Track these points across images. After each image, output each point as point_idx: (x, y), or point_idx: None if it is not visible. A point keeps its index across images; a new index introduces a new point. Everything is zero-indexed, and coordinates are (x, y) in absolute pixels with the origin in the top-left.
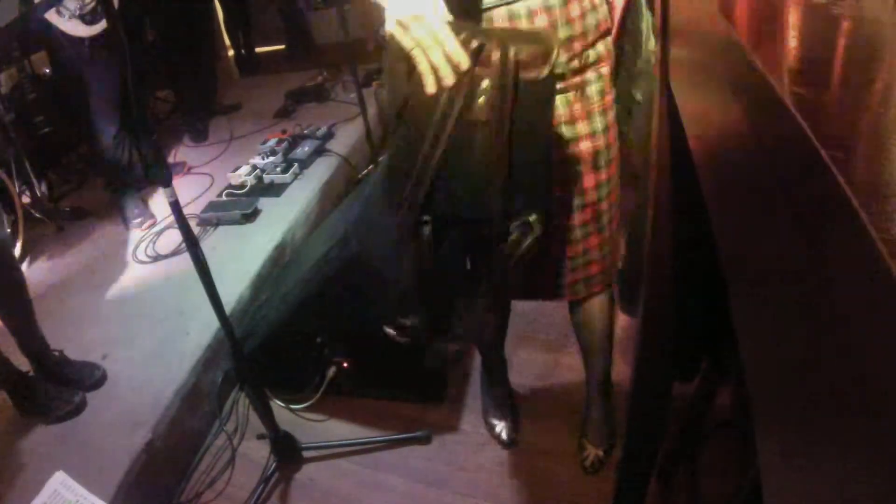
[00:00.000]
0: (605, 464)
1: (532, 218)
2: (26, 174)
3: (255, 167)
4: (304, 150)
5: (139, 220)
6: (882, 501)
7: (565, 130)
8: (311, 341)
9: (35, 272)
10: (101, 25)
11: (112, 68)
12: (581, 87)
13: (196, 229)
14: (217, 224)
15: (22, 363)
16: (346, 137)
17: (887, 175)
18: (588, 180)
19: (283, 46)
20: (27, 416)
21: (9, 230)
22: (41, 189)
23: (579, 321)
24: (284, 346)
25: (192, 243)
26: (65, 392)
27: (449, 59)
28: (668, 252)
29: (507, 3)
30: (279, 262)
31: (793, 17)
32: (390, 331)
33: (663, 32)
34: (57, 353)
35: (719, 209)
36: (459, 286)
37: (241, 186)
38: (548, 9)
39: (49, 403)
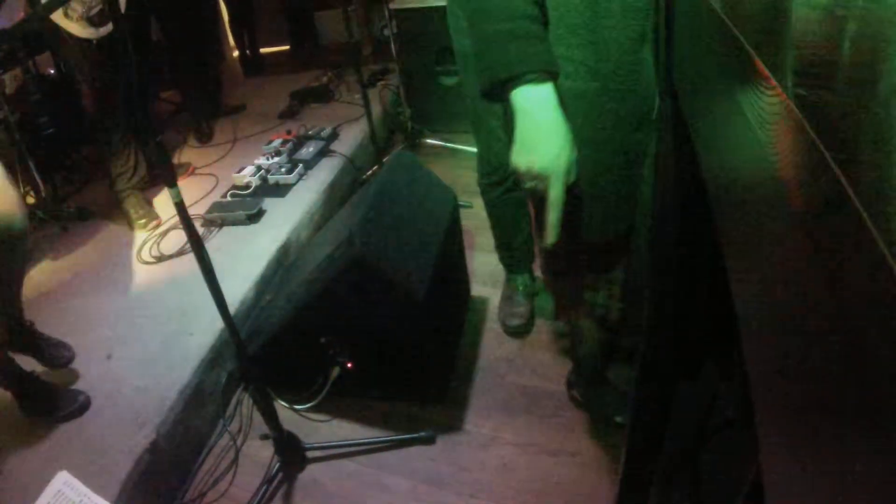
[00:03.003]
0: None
1: None
2: (31, 175)
3: (259, 168)
4: (308, 150)
5: (143, 220)
6: (883, 501)
7: None
8: (314, 342)
9: (39, 272)
10: (108, 28)
11: (118, 70)
12: None
13: (200, 230)
14: (221, 224)
15: (25, 363)
16: (351, 138)
17: (891, 177)
18: None
19: (287, 47)
20: (31, 416)
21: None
22: (46, 190)
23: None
24: (288, 347)
25: (196, 244)
26: (68, 392)
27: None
28: (672, 251)
29: None
30: (283, 262)
31: (796, 18)
32: None
33: (667, 35)
34: (28, 323)
35: (722, 210)
36: None
37: (246, 187)
38: None
39: (53, 403)
